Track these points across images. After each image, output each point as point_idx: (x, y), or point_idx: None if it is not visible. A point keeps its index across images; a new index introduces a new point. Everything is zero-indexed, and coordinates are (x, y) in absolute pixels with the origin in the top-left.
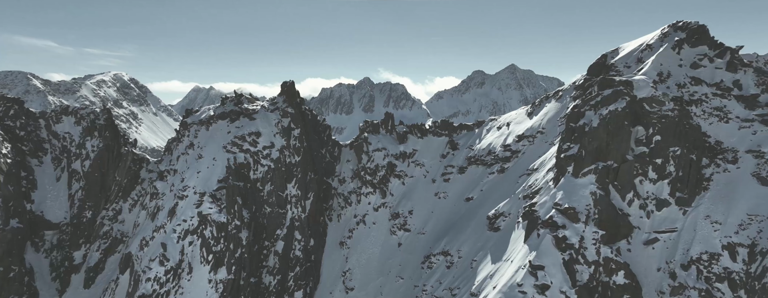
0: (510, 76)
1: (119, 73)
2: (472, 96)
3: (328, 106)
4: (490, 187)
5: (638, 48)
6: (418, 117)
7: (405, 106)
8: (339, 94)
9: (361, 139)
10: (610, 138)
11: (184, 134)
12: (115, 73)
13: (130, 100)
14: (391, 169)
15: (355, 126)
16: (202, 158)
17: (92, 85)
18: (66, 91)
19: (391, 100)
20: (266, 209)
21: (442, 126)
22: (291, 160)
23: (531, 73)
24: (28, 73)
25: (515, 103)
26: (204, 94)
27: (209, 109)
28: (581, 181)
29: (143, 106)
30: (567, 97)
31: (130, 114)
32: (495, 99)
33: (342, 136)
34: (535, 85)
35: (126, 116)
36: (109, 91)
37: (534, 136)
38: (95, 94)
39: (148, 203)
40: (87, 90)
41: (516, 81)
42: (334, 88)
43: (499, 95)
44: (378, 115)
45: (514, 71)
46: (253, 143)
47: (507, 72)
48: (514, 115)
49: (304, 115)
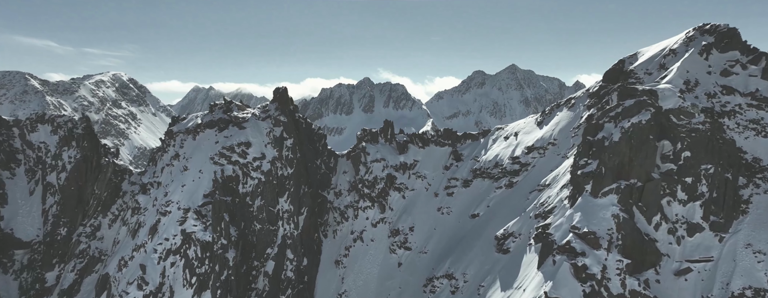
0: (510, 77)
1: (118, 74)
2: (472, 96)
3: (328, 106)
4: (497, 203)
5: (660, 53)
6: (418, 117)
7: (405, 107)
8: (339, 94)
9: (358, 149)
10: (634, 154)
11: (169, 144)
12: (114, 74)
13: (129, 101)
14: (390, 181)
15: (355, 126)
16: (188, 171)
17: (91, 85)
18: (64, 91)
19: (391, 100)
20: (256, 226)
21: (445, 135)
22: (283, 172)
23: (531, 74)
24: (25, 74)
25: (516, 103)
26: (204, 94)
27: (197, 117)
28: (601, 201)
29: (142, 106)
30: (580, 105)
31: (128, 114)
32: (495, 99)
33: (342, 136)
34: (536, 86)
35: (125, 117)
36: (108, 91)
37: (545, 148)
38: (94, 94)
39: (130, 218)
40: (85, 90)
41: (516, 81)
42: (334, 89)
43: (500, 95)
44: (378, 115)
45: (515, 71)
46: (242, 154)
47: (507, 72)
48: (523, 125)
49: (297, 124)
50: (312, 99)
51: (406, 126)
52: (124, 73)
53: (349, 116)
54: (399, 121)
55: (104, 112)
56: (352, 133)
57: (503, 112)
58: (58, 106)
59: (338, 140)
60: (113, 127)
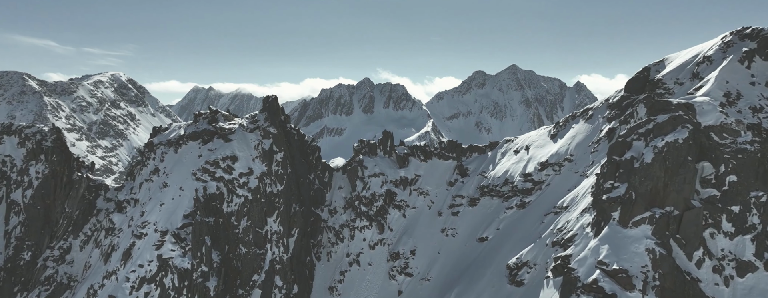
0: (511, 77)
1: (117, 74)
2: (472, 97)
3: (328, 106)
4: (508, 225)
5: (692, 60)
6: (418, 118)
7: (405, 107)
8: (339, 94)
9: (355, 163)
10: (669, 177)
11: (149, 157)
12: (112, 74)
13: (127, 101)
14: (389, 198)
15: (354, 127)
16: (167, 187)
17: (89, 85)
18: (62, 91)
19: (391, 100)
20: (241, 250)
21: (449, 148)
22: (272, 189)
23: (532, 74)
24: (23, 74)
25: (516, 104)
26: (203, 94)
27: (179, 128)
28: (632, 232)
29: (141, 106)
30: (598, 117)
31: (127, 115)
32: (496, 99)
33: (341, 137)
34: (537, 86)
35: (123, 117)
36: (107, 91)
37: (560, 165)
38: (92, 94)
39: (103, 239)
40: (84, 91)
41: (517, 82)
42: (333, 89)
43: (500, 96)
44: (378, 115)
45: (516, 72)
46: (227, 170)
47: (508, 73)
48: (535, 137)
49: (288, 136)
50: (312, 99)
51: (406, 127)
52: (123, 74)
53: (349, 117)
54: (399, 121)
55: (103, 112)
56: (351, 134)
57: (504, 112)
58: (56, 107)
59: (338, 141)
60: (112, 127)
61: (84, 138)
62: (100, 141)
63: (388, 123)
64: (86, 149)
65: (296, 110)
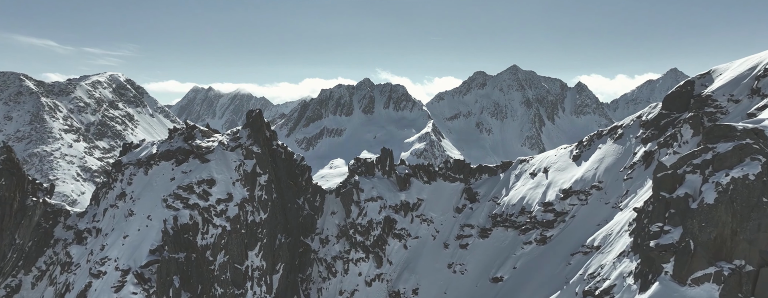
0: (512, 77)
1: (115, 74)
2: (473, 97)
3: (328, 107)
4: (527, 264)
5: (750, 73)
6: (418, 119)
7: (405, 108)
8: (338, 95)
9: (350, 185)
10: (738, 224)
11: (116, 178)
12: (111, 74)
13: (126, 102)
14: (389, 226)
15: (354, 127)
16: (133, 216)
17: (87, 86)
18: (60, 92)
19: (391, 101)
20: (217, 291)
21: (455, 168)
22: (255, 217)
23: (533, 74)
24: (20, 74)
25: (517, 104)
26: (203, 94)
27: (152, 145)
28: (693, 293)
29: (139, 107)
30: (630, 137)
31: (125, 116)
32: (496, 100)
33: (341, 137)
34: (538, 87)
35: (121, 118)
36: (105, 92)
37: (587, 193)
38: (90, 95)
39: (59, 276)
40: (81, 91)
41: (518, 82)
42: (333, 90)
43: (501, 96)
44: (378, 116)
45: (516, 72)
46: (203, 195)
47: (509, 73)
48: (554, 158)
49: (275, 154)
50: (311, 100)
51: (406, 128)
52: (122, 74)
53: (349, 117)
54: (399, 122)
55: (100, 113)
56: (351, 135)
57: (504, 113)
58: (54, 108)
59: (338, 142)
60: (110, 128)
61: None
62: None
63: (389, 124)
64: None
65: (296, 111)
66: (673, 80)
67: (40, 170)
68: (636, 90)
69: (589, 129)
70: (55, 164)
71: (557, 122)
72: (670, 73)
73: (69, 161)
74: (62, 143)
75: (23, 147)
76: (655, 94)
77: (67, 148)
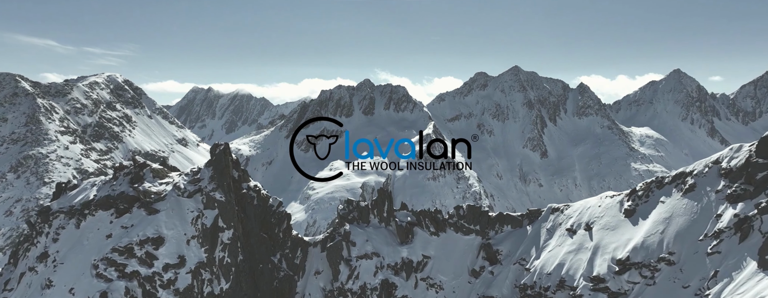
0: (513, 78)
1: (113, 75)
2: (474, 98)
3: (328, 108)
4: None
5: None
6: (419, 120)
7: (406, 109)
8: (338, 96)
9: (338, 236)
10: None
11: (41, 231)
12: (108, 75)
13: (124, 103)
14: (387, 292)
15: (354, 129)
16: (52, 289)
17: (84, 87)
18: (56, 93)
19: (391, 102)
20: None
21: (469, 215)
22: (213, 288)
23: (535, 75)
24: (16, 75)
25: (519, 105)
26: (202, 95)
27: (92, 187)
28: None
29: (138, 108)
30: (707, 190)
31: (123, 117)
32: (498, 101)
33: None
34: (540, 88)
35: (119, 119)
36: (102, 93)
37: (653, 268)
38: (87, 96)
39: None
40: (78, 92)
41: (519, 83)
42: (333, 91)
43: (503, 97)
44: (378, 117)
45: (518, 73)
46: (146, 260)
47: (510, 74)
48: (598, 210)
49: (245, 200)
50: (311, 101)
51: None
52: (120, 75)
53: (349, 118)
54: (399, 123)
55: (98, 114)
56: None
57: (506, 114)
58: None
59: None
60: (107, 130)
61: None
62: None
63: (389, 125)
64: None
65: (295, 112)
66: (677, 81)
67: (35, 173)
68: (638, 91)
69: (591, 130)
70: (50, 167)
71: (559, 123)
72: (674, 74)
73: (65, 164)
74: (58, 145)
75: (18, 149)
76: (658, 96)
77: (64, 150)
